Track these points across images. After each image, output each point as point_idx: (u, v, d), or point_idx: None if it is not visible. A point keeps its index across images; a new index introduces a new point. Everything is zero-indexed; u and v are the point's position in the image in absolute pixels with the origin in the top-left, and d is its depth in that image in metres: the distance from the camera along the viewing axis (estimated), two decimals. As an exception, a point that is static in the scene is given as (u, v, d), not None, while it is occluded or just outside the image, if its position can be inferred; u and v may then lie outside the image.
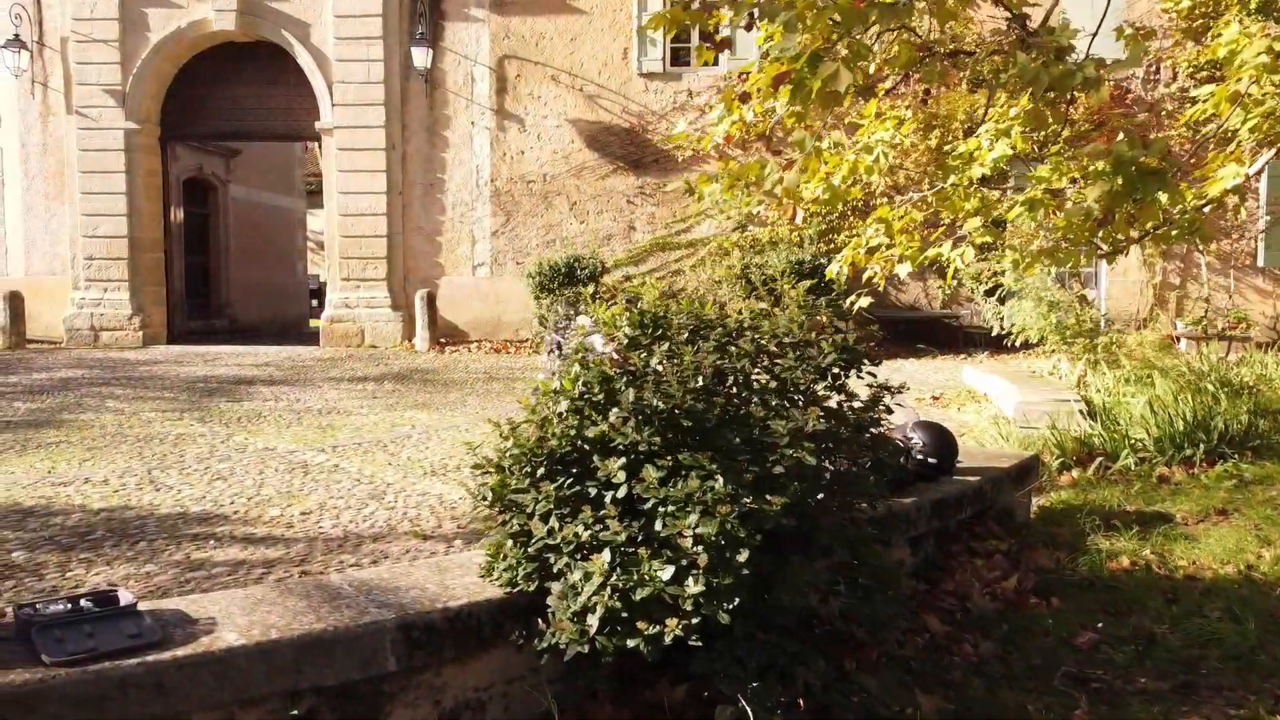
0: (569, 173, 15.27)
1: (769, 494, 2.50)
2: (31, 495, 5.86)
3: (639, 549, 2.46)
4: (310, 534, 5.07)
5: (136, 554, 4.70)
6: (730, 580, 2.37)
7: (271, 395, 10.14)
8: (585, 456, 2.71)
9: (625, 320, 2.93)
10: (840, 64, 3.62)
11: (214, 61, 15.70)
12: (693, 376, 2.64)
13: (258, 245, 21.71)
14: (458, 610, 2.58)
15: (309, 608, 2.53)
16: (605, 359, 2.80)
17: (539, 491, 2.66)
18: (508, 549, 2.74)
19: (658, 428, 2.56)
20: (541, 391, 2.97)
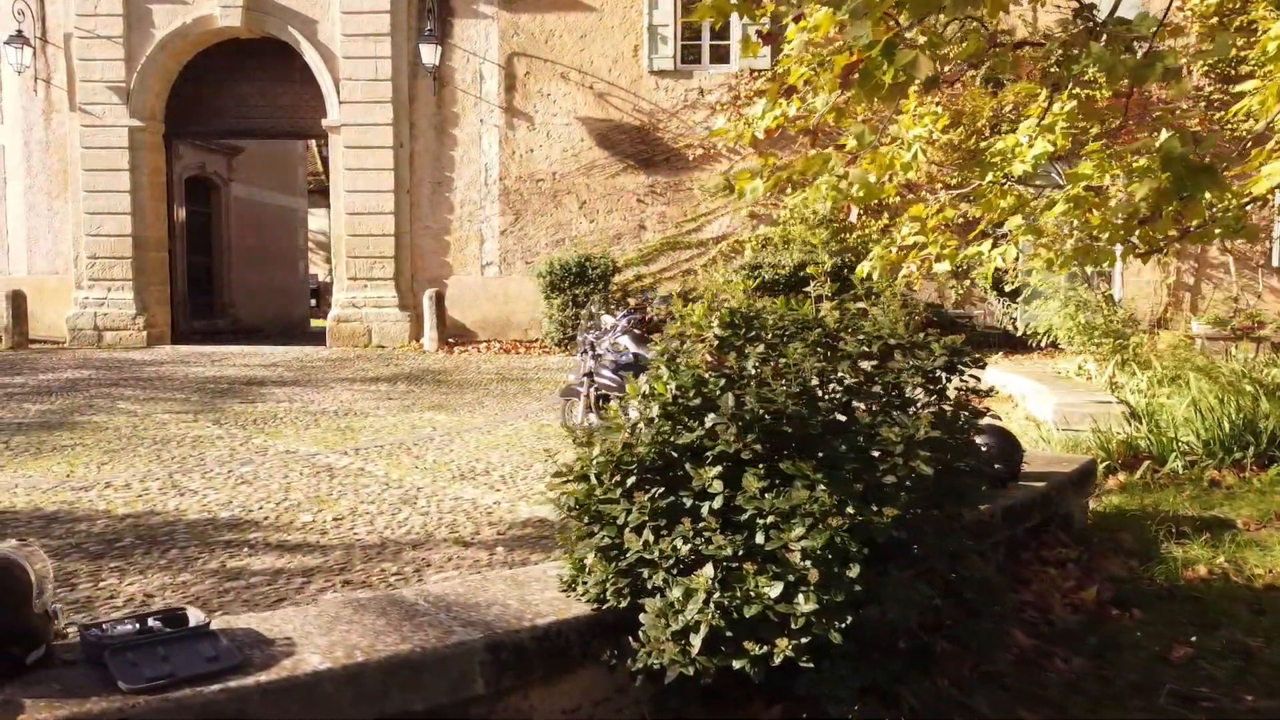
0: (579, 171, 15.11)
1: (877, 504, 2.36)
2: (53, 500, 5.69)
3: (743, 564, 2.31)
4: (346, 541, 4.92)
5: (169, 562, 4.54)
6: (842, 597, 2.23)
7: (285, 396, 9.97)
8: (672, 464, 2.57)
9: (715, 319, 2.78)
10: (919, 52, 3.47)
11: (219, 58, 15.50)
12: (794, 379, 2.50)
13: (260, 245, 21.51)
14: (546, 629, 2.44)
15: (389, 626, 2.38)
16: (700, 360, 2.65)
17: (631, 502, 2.51)
18: (591, 562, 2.58)
19: (759, 435, 2.41)
20: (628, 395, 2.81)
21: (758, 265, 13.71)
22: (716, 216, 15.03)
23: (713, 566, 2.31)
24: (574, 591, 2.63)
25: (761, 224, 14.95)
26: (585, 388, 6.70)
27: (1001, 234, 6.99)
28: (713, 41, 14.96)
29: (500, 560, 4.59)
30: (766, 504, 2.34)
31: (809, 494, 2.30)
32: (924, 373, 2.83)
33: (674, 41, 14.84)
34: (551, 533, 5.06)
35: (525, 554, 4.68)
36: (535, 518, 5.36)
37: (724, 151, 14.95)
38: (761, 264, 13.70)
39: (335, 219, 15.35)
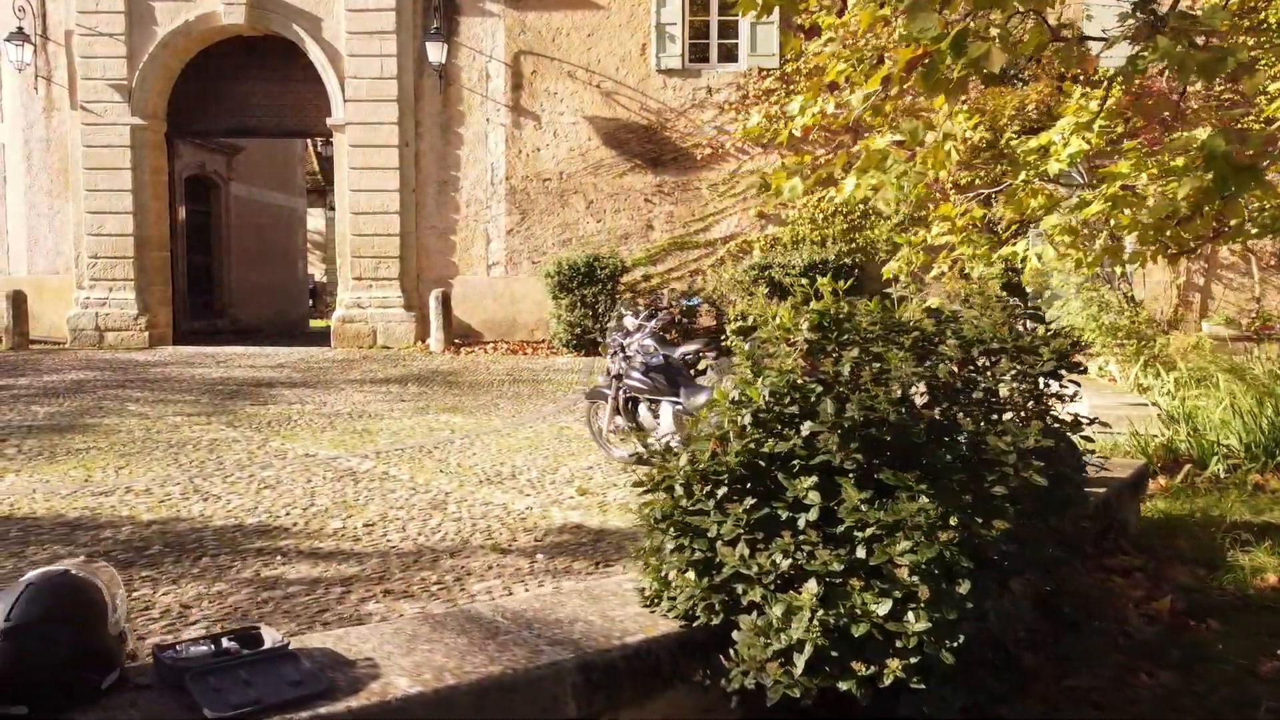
0: (586, 170, 14.98)
1: (983, 517, 2.25)
2: (73, 506, 5.56)
3: (848, 580, 2.20)
4: (380, 548, 4.80)
5: (202, 571, 4.41)
6: (954, 615, 2.13)
7: (296, 398, 9.83)
8: (759, 474, 2.46)
9: (804, 321, 2.67)
10: (991, 44, 3.36)
11: (222, 56, 15.33)
12: (894, 385, 2.39)
13: (259, 244, 21.33)
14: (636, 648, 2.33)
15: (472, 645, 2.27)
16: (793, 364, 2.54)
17: (724, 514, 2.40)
18: (674, 576, 2.47)
19: (860, 444, 2.30)
20: (715, 401, 2.70)
21: (767, 265, 13.62)
22: (725, 216, 14.93)
23: (816, 582, 2.20)
24: (656, 606, 2.52)
25: (770, 224, 14.85)
26: (612, 390, 6.58)
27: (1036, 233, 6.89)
28: (721, 40, 14.85)
29: (541, 568, 4.47)
30: (870, 516, 2.23)
31: (917, 506, 2.19)
32: (1029, 378, 2.72)
33: (682, 40, 14.73)
34: (589, 539, 4.95)
35: (566, 561, 4.56)
36: (570, 524, 5.24)
37: (732, 151, 14.86)
38: (771, 264, 13.61)
39: (340, 218, 15.20)
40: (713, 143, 14.81)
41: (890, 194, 3.89)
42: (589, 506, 5.64)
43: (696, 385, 6.05)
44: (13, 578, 4.30)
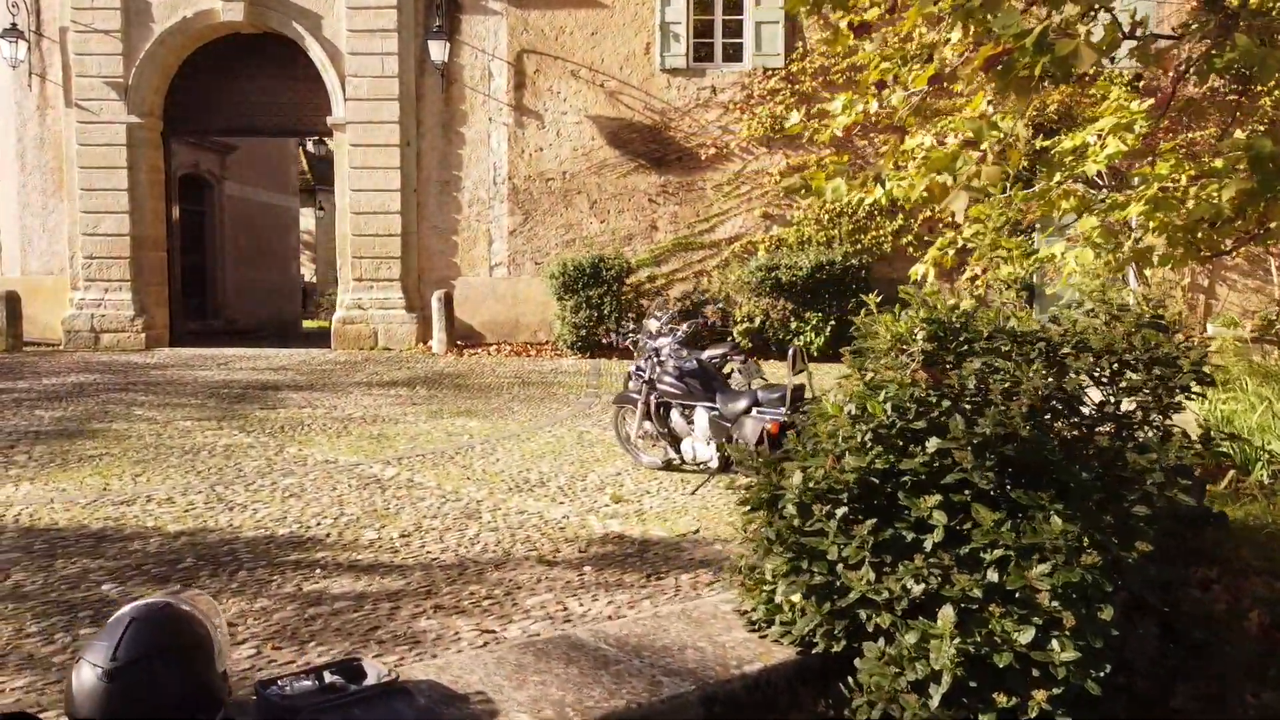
0: (589, 170, 14.84)
1: (1123, 537, 2.15)
2: (95, 516, 5.39)
3: (986, 606, 2.09)
4: (421, 560, 4.66)
5: (241, 586, 4.27)
6: (1100, 643, 2.02)
7: (304, 402, 9.66)
8: (873, 492, 2.34)
9: (920, 330, 2.55)
10: (1080, 42, 3.26)
11: (220, 54, 15.10)
12: (1025, 398, 2.28)
13: (253, 244, 21.10)
14: (756, 677, 2.21)
15: (585, 676, 2.15)
16: (915, 377, 2.42)
17: (848, 536, 2.29)
18: (789, 600, 2.35)
19: (993, 461, 2.19)
20: (824, 415, 2.58)
21: (774, 266, 13.51)
22: (729, 217, 14.82)
23: (952, 608, 2.09)
24: (764, 631, 2.40)
25: (775, 224, 14.75)
26: (642, 395, 6.45)
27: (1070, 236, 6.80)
28: (725, 40, 14.74)
29: (591, 581, 4.35)
30: (1005, 538, 2.12)
31: (1061, 528, 2.08)
32: (1166, 390, 2.62)
33: (686, 39, 14.60)
34: (634, 550, 4.83)
35: (616, 574, 4.44)
36: (611, 533, 5.12)
37: (737, 151, 14.75)
38: (778, 265, 13.50)
39: (340, 218, 15.01)
40: (717, 143, 14.69)
41: (961, 200, 3.78)
42: (626, 515, 5.51)
43: (733, 391, 5.93)
44: (43, 594, 4.15)
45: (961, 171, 4.11)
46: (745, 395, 5.69)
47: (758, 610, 2.46)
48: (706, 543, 4.98)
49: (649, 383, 6.40)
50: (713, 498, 5.90)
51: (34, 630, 3.76)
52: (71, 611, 3.95)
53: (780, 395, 5.43)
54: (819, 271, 13.43)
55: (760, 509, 2.55)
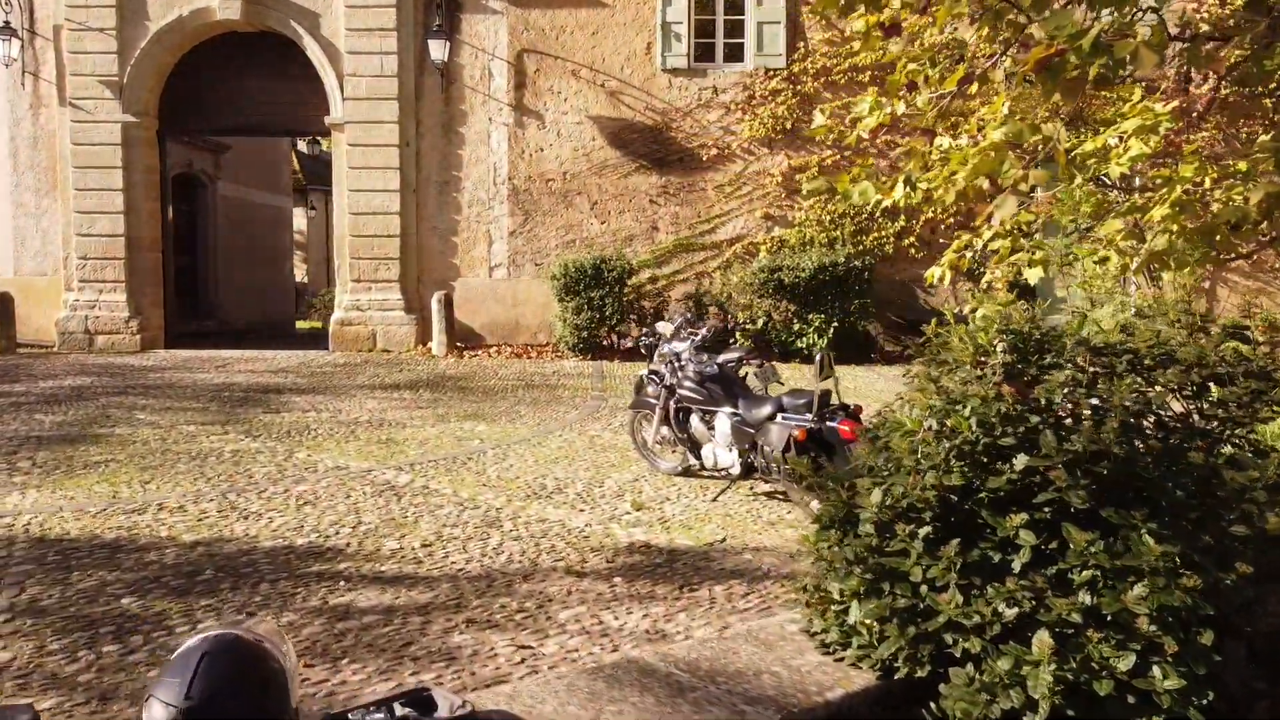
0: (590, 171, 14.73)
1: (1221, 559, 2.07)
2: (107, 525, 5.27)
3: (1083, 631, 2.01)
4: (447, 571, 4.56)
5: (265, 599, 4.16)
6: (1204, 670, 1.95)
7: (308, 405, 9.53)
8: (951, 510, 2.26)
9: (1001, 342, 2.47)
10: (1140, 43, 3.18)
11: (217, 52, 14.93)
12: (1117, 413, 2.20)
13: (246, 244, 20.89)
14: (838, 705, 2.13)
15: (662, 705, 2.06)
16: (1003, 391, 2.34)
17: (932, 557, 2.20)
18: (865, 620, 2.26)
19: (1086, 480, 2.11)
20: (902, 429, 2.49)
21: (777, 267, 13.42)
22: (730, 218, 14.74)
23: (1047, 633, 2.01)
24: (839, 654, 2.32)
25: (776, 226, 14.67)
26: (660, 400, 6.36)
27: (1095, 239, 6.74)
28: (726, 40, 14.65)
29: (624, 593, 4.26)
30: (1099, 559, 2.04)
31: (1160, 549, 2.00)
32: (1261, 403, 2.54)
33: (687, 39, 14.51)
34: (663, 561, 4.74)
35: (648, 585, 4.35)
36: (637, 543, 5.03)
37: (738, 152, 14.66)
38: (781, 266, 13.42)
39: (338, 219, 14.86)
40: (718, 143, 14.61)
41: (1010, 205, 3.70)
42: (649, 523, 5.43)
43: (756, 396, 5.85)
44: (62, 609, 4.03)
45: (1008, 175, 4.03)
46: (769, 401, 5.61)
47: (830, 632, 2.38)
48: (735, 552, 4.90)
49: (668, 388, 6.31)
50: (735, 504, 5.82)
51: (56, 648, 3.65)
52: (93, 627, 3.84)
53: (806, 401, 5.35)
54: (822, 273, 13.35)
55: (833, 528, 2.45)
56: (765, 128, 14.49)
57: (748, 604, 4.13)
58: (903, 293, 14.83)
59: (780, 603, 4.14)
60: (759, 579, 4.46)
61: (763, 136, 14.52)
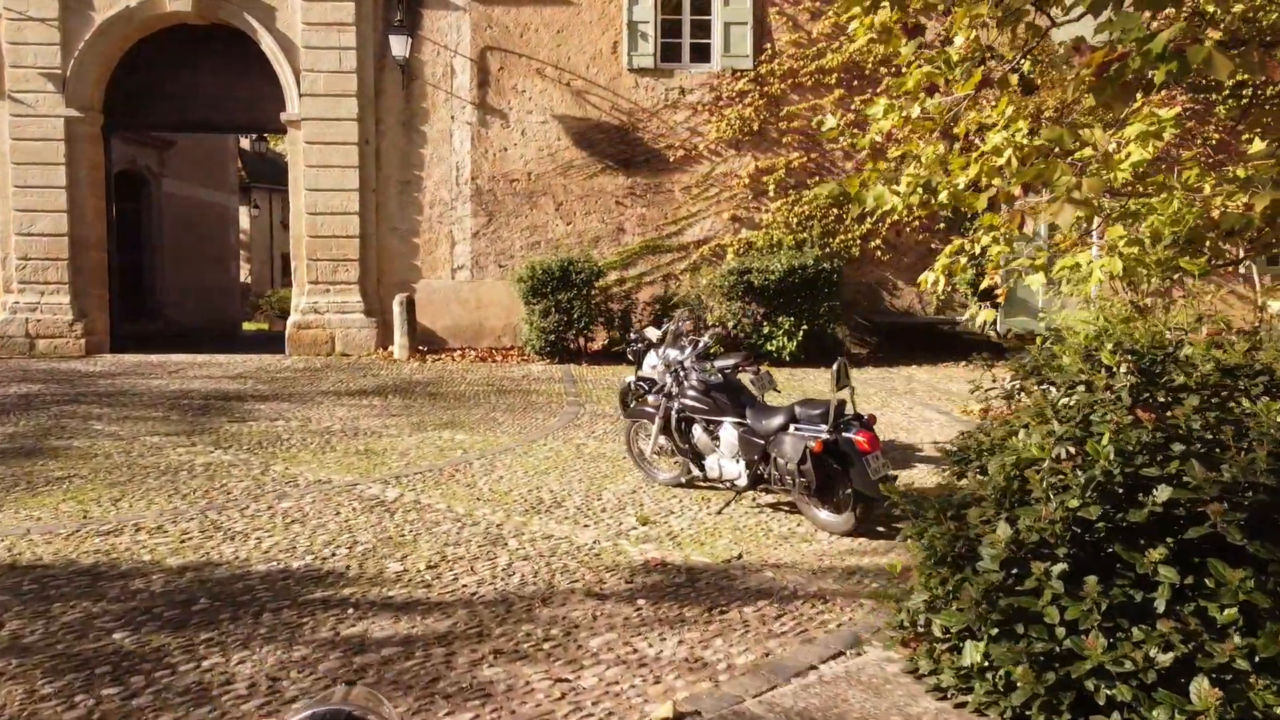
0: (555, 171, 14.47)
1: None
2: (81, 549, 4.92)
3: (1248, 677, 1.87)
4: (459, 595, 4.32)
5: (270, 631, 3.88)
6: (1372, 717, 1.82)
7: (274, 413, 9.15)
8: (1078, 544, 2.10)
9: (1123, 361, 2.32)
10: (1213, 48, 3.07)
11: (166, 45, 14.35)
12: (1273, 443, 2.06)
13: (191, 244, 20.21)
14: (975, 759, 1.96)
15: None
16: (1145, 419, 2.19)
17: (1073, 597, 2.04)
18: (980, 662, 2.09)
19: (1235, 512, 1.97)
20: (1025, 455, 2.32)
21: (746, 270, 13.29)
22: (697, 219, 14.60)
23: (1207, 680, 1.87)
24: (956, 699, 2.15)
25: (744, 227, 14.56)
26: (660, 410, 6.16)
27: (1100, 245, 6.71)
28: (693, 40, 14.50)
29: (652, 617, 4.06)
30: (1258, 599, 1.90)
31: (1324, 589, 1.88)
32: None
33: (654, 39, 14.33)
34: (683, 580, 4.55)
35: (674, 608, 4.16)
36: (652, 560, 4.83)
37: (705, 153, 14.53)
38: (750, 268, 13.29)
39: (295, 219, 14.40)
40: (685, 144, 14.46)
41: (1068, 213, 3.58)
42: (659, 539, 5.23)
43: (765, 406, 5.68)
44: (48, 646, 3.71)
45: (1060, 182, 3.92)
46: (780, 411, 5.44)
47: (942, 674, 2.21)
48: (754, 569, 4.73)
49: (668, 396, 6.12)
50: (742, 517, 5.65)
51: (49, 691, 3.34)
52: (86, 667, 3.53)
53: (821, 411, 5.19)
54: (791, 275, 13.25)
55: (944, 564, 2.28)
56: (732, 129, 14.37)
57: (783, 627, 3.96)
58: (869, 295, 14.82)
59: (816, 626, 3.98)
60: (787, 599, 4.29)
61: (730, 138, 14.40)
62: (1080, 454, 2.22)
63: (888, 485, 2.64)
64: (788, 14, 14.42)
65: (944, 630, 2.33)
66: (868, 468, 5.01)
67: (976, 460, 2.57)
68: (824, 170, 14.56)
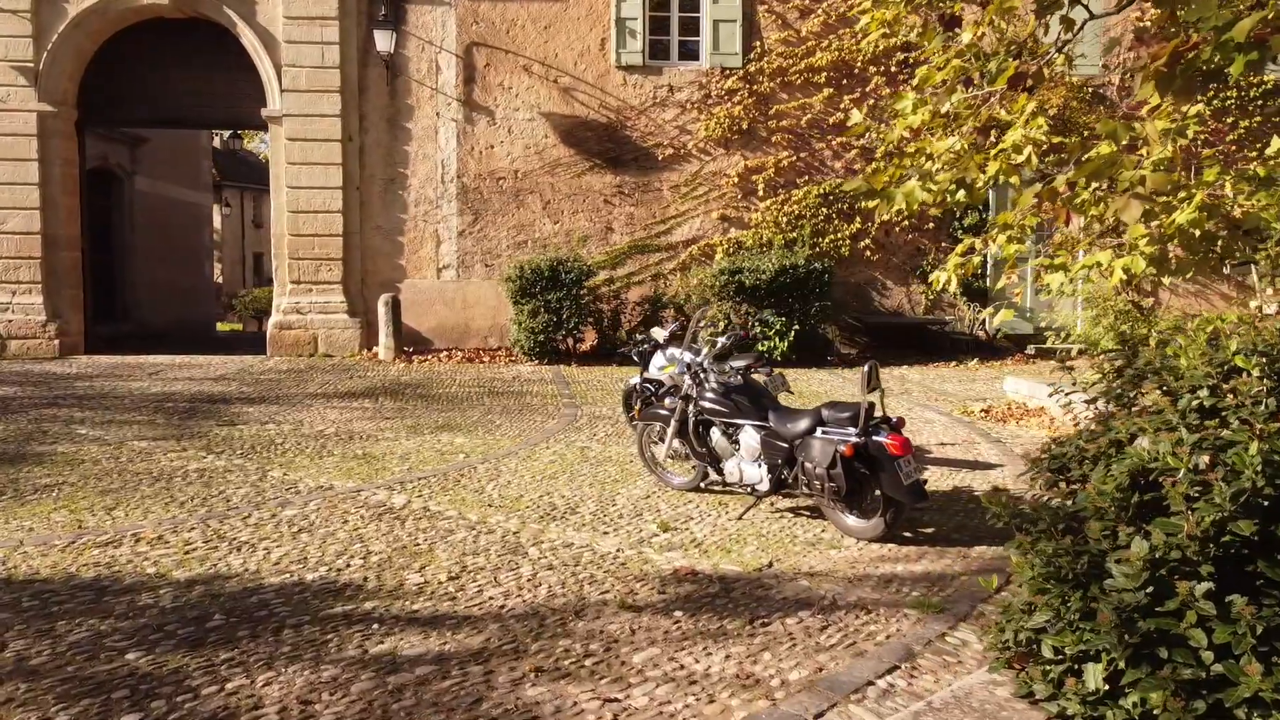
0: (542, 169, 14.26)
1: None
2: (80, 562, 4.68)
3: None
4: (487, 608, 4.13)
5: (295, 650, 3.67)
6: None
7: (264, 416, 8.88)
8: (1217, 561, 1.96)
9: (1256, 363, 2.18)
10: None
11: (143, 39, 13.97)
12: None
13: (164, 243, 19.74)
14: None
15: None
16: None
17: (1222, 620, 1.90)
18: (1089, 692, 1.95)
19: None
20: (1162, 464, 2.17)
21: (737, 269, 13.15)
22: (686, 219, 14.45)
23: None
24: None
25: (733, 227, 14.44)
26: (676, 412, 5.99)
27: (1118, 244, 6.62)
28: (682, 38, 14.35)
29: (693, 630, 3.90)
30: None
31: None
32: None
33: (643, 36, 14.17)
34: (717, 590, 4.40)
35: (714, 620, 4.00)
36: (681, 569, 4.66)
37: (694, 151, 14.38)
38: (741, 268, 13.14)
39: (276, 218, 14.07)
40: (674, 143, 14.31)
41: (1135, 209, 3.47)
42: (684, 546, 5.07)
43: (788, 409, 5.53)
44: (57, 669, 3.49)
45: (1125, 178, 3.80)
46: (806, 414, 5.30)
47: (1066, 701, 2.07)
48: (788, 577, 4.58)
49: (686, 398, 5.95)
50: (764, 523, 5.50)
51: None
52: (102, 691, 3.31)
53: (851, 414, 5.05)
54: (782, 275, 13.13)
55: (1064, 582, 2.13)
56: (721, 128, 14.24)
57: (830, 640, 3.82)
58: (858, 295, 14.74)
59: (864, 638, 3.84)
60: (828, 609, 4.15)
61: (719, 136, 14.27)
62: (1217, 463, 2.07)
63: (989, 496, 2.50)
64: (777, 12, 14.31)
65: (1055, 651, 2.19)
66: (900, 472, 4.87)
67: (1079, 469, 2.43)
68: (813, 170, 14.46)
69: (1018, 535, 2.40)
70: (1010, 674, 2.42)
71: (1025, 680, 2.28)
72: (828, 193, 14.38)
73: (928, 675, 3.51)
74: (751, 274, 13.09)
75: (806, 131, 14.45)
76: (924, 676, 3.50)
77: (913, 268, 14.80)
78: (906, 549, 5.05)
